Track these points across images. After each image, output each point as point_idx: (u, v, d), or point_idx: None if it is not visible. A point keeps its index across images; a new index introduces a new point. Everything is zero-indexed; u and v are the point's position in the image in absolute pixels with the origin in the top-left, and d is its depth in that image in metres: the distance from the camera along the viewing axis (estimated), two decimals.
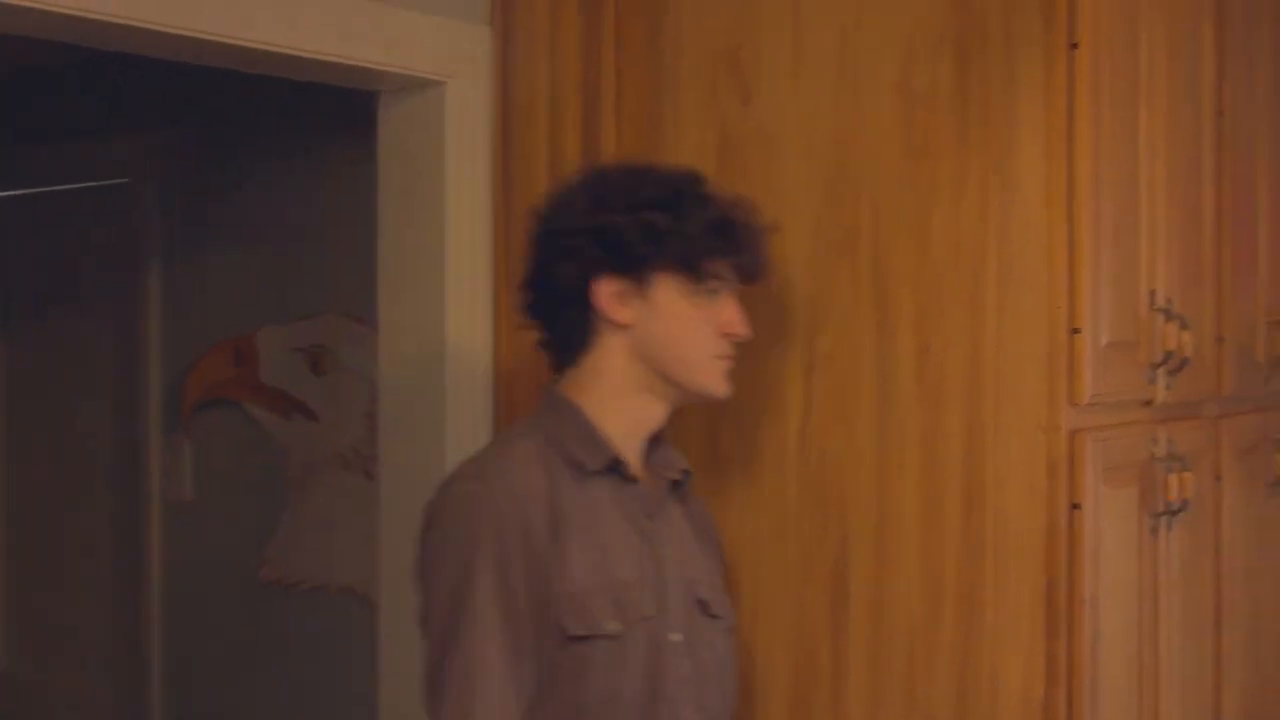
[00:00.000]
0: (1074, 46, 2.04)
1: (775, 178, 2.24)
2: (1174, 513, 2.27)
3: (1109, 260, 2.10)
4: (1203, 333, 2.42)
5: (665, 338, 1.90)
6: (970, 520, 2.07)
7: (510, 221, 2.50)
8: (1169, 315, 2.25)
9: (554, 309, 1.94)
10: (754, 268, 1.97)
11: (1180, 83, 2.38)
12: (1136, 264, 2.20)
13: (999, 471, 2.05)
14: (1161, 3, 2.30)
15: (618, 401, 1.92)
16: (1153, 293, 2.24)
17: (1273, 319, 2.76)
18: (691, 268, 1.89)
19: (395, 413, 2.60)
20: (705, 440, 2.29)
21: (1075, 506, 2.02)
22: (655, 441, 1.99)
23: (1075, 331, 2.02)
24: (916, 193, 2.12)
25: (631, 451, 1.95)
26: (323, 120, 3.48)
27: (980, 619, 2.06)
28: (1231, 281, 2.57)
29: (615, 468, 1.92)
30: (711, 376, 1.94)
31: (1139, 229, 2.21)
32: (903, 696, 2.13)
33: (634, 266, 1.88)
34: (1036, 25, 2.04)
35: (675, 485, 2.02)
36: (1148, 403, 2.24)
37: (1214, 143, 2.51)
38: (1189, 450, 2.35)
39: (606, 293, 1.89)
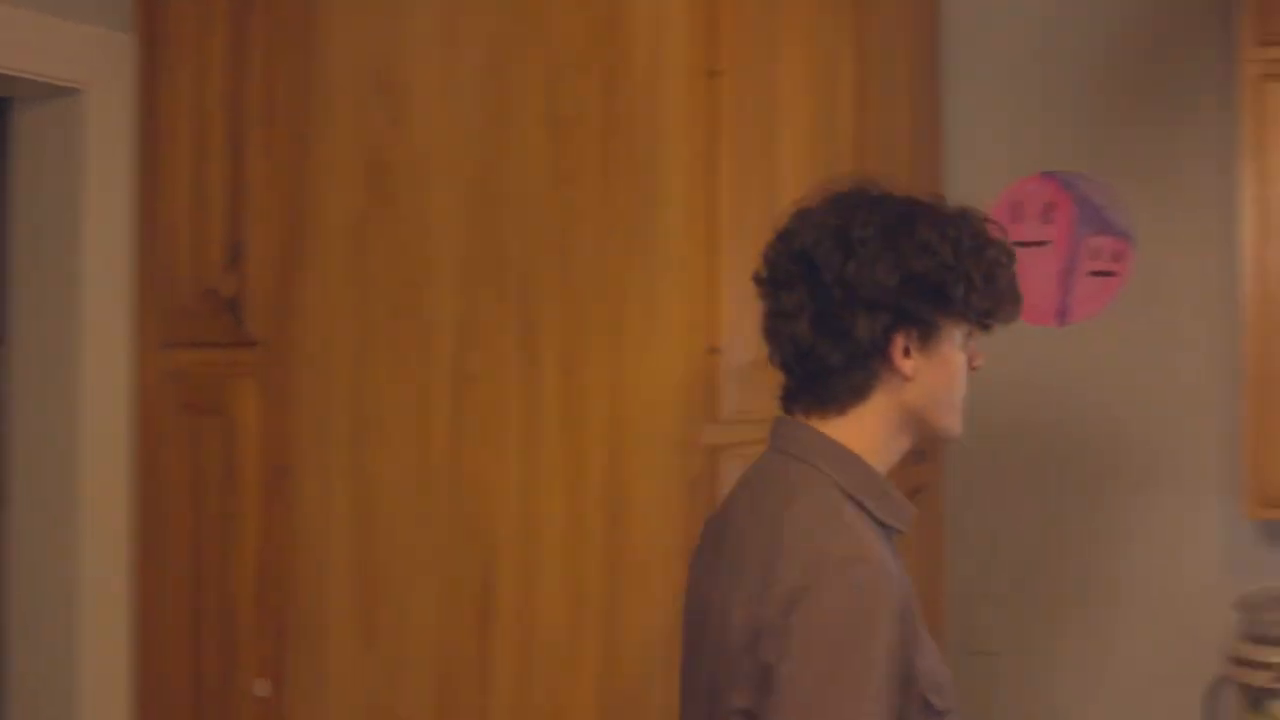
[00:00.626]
0: (715, 74, 2.10)
1: (425, 200, 2.24)
2: None
3: (748, 282, 2.16)
4: None
5: (941, 387, 1.80)
6: (613, 537, 2.10)
7: (155, 237, 2.42)
8: None
9: (836, 361, 1.77)
10: (1018, 317, 1.88)
11: (820, 111, 2.48)
12: None
13: (641, 489, 2.08)
14: (801, 36, 2.39)
15: (884, 452, 1.80)
16: None
17: None
18: (988, 324, 1.83)
19: (26, 435, 2.48)
20: (351, 462, 2.26)
21: None
22: None
23: (714, 351, 2.08)
24: (562, 217, 2.14)
25: None
26: None
27: (622, 633, 2.09)
28: None
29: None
30: (959, 417, 1.84)
31: None
32: (548, 710, 2.14)
33: (933, 320, 1.76)
34: (679, 53, 2.09)
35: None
36: None
37: (851, 170, 2.61)
38: None
39: (901, 346, 1.75)
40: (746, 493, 1.84)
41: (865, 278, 1.73)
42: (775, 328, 1.82)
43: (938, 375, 1.78)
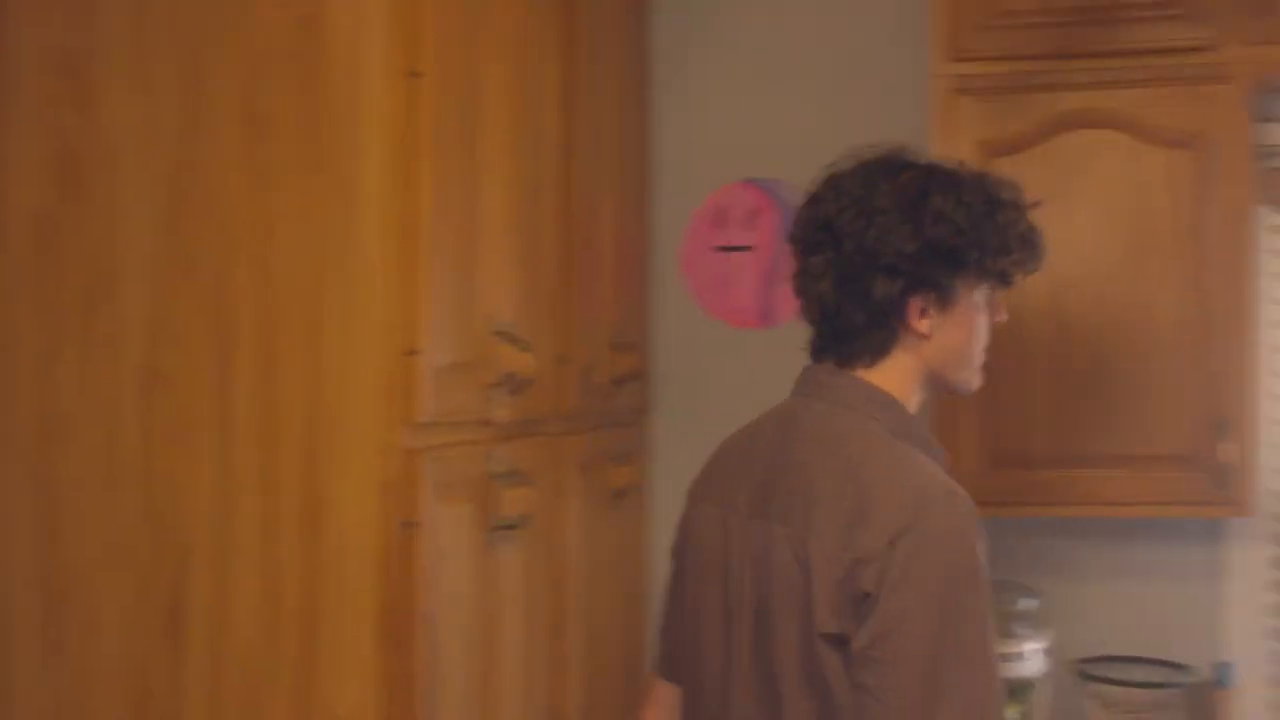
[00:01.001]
0: (416, 75, 2.10)
1: (117, 193, 2.17)
2: (512, 527, 2.37)
3: (448, 284, 2.18)
4: (544, 354, 2.55)
5: (959, 344, 1.99)
6: (309, 541, 2.08)
7: None
8: (509, 338, 2.35)
9: (857, 320, 1.96)
10: (1038, 268, 2.05)
11: (526, 113, 2.50)
12: (477, 288, 2.29)
13: (337, 492, 2.07)
14: (506, 38, 2.40)
15: (907, 403, 1.99)
16: (493, 316, 2.33)
17: (614, 341, 2.94)
18: (1005, 282, 2.01)
19: None
20: (36, 461, 2.18)
21: (411, 524, 2.07)
22: None
23: (412, 353, 2.08)
24: (259, 215, 2.11)
25: None
26: None
27: (319, 639, 2.07)
28: (575, 306, 2.72)
29: None
30: (978, 372, 2.04)
31: (480, 255, 2.30)
32: (242, 717, 2.11)
33: (951, 284, 1.95)
34: (379, 53, 2.07)
35: None
36: (487, 422, 2.33)
37: (557, 173, 2.65)
38: (530, 467, 2.46)
39: (917, 308, 1.95)
40: (788, 438, 2.00)
41: (883, 245, 1.91)
42: (804, 286, 2.01)
43: (955, 334, 1.98)
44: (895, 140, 2.08)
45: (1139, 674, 3.02)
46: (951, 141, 2.89)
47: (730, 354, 3.29)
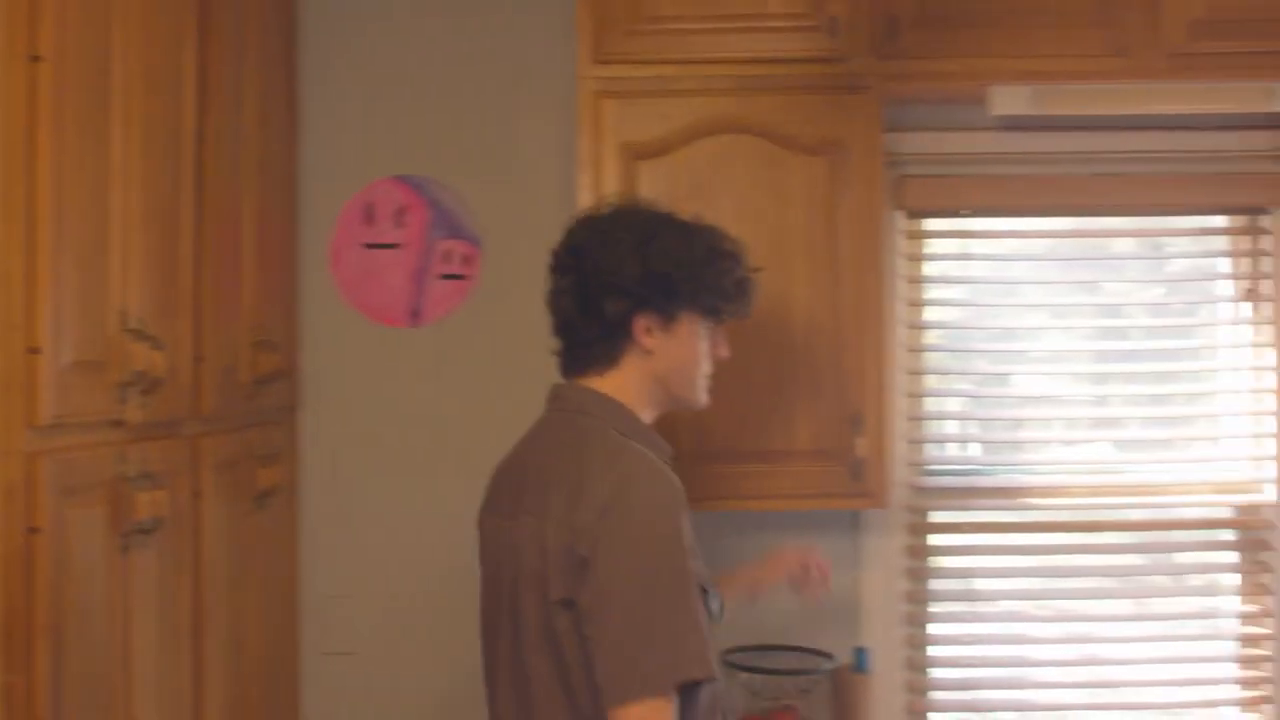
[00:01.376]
0: (36, 59, 1.99)
1: None
2: (146, 531, 2.28)
3: (73, 279, 2.07)
4: (180, 353, 2.46)
5: (680, 363, 2.38)
6: None
7: None
8: (141, 336, 2.26)
9: (593, 333, 2.34)
10: (746, 314, 2.47)
11: (160, 106, 2.40)
12: (106, 284, 2.19)
13: None
14: (138, 24, 2.31)
15: (636, 408, 2.36)
16: (124, 313, 2.23)
17: (257, 340, 2.87)
18: (715, 316, 2.40)
19: None
20: None
21: (34, 531, 1.97)
22: None
23: (34, 351, 1.97)
24: None
25: None
26: None
27: None
28: (214, 304, 2.63)
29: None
30: (703, 391, 2.44)
31: (110, 249, 2.20)
32: None
33: (670, 309, 2.34)
34: None
35: None
36: (118, 423, 2.23)
37: (195, 167, 2.56)
38: (164, 468, 2.37)
39: (642, 326, 2.33)
40: (538, 445, 2.38)
41: (616, 270, 2.30)
42: (553, 303, 2.39)
43: (678, 353, 2.36)
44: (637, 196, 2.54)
45: (782, 662, 3.13)
46: (598, 143, 2.93)
47: (381, 352, 3.26)
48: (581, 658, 2.17)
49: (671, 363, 2.36)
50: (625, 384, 2.35)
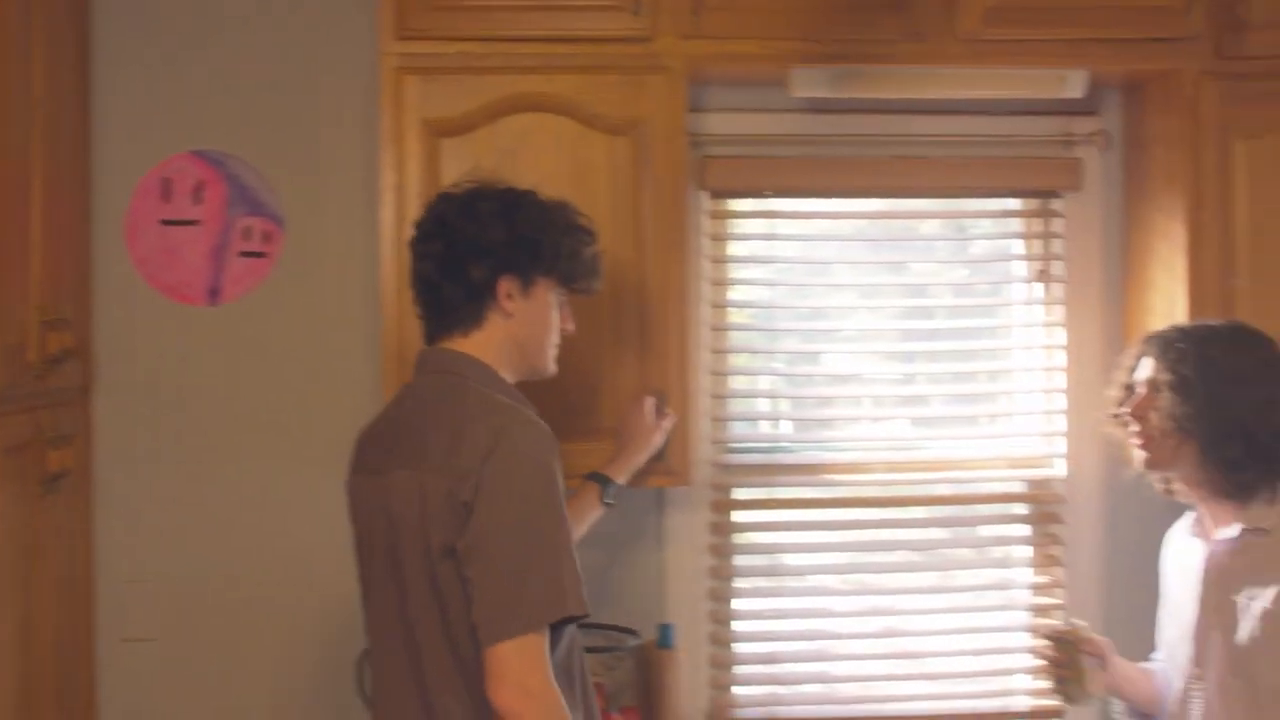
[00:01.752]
0: None
1: None
2: None
3: None
4: None
5: (536, 329, 2.48)
6: None
7: None
8: None
9: (458, 295, 2.42)
10: (595, 288, 2.61)
11: None
12: None
13: None
14: None
15: (499, 368, 2.44)
16: None
17: (47, 319, 2.78)
18: (571, 283, 2.53)
19: None
20: None
21: None
22: None
23: None
24: None
25: None
26: None
27: None
28: None
29: None
30: (552, 359, 2.54)
31: None
32: None
33: (531, 274, 2.45)
34: None
35: None
36: None
37: None
38: None
39: (505, 289, 2.42)
40: (409, 405, 2.43)
41: (482, 235, 2.41)
42: (416, 273, 2.47)
43: (533, 319, 2.47)
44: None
45: (587, 640, 3.13)
46: (399, 120, 2.91)
47: (179, 330, 3.19)
48: (464, 598, 2.24)
49: (529, 328, 2.46)
50: (488, 344, 2.43)
